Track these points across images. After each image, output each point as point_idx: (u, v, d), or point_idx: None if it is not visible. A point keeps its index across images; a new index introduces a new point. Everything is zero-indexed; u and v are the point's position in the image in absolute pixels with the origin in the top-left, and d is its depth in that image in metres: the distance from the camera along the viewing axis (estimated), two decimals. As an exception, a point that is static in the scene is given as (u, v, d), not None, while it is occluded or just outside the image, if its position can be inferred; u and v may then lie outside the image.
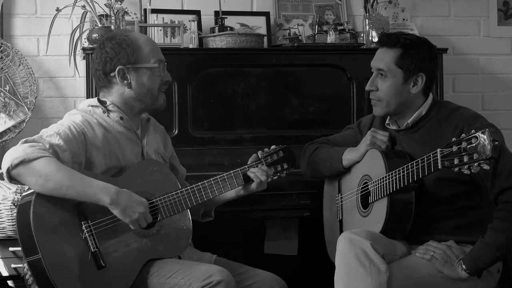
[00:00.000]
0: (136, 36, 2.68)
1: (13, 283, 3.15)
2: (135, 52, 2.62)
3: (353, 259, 2.52)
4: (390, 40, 2.77)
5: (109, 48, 2.62)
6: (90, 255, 2.43)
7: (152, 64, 2.64)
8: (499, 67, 4.21)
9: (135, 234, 2.52)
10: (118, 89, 2.65)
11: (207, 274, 2.46)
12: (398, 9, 4.01)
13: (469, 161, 2.31)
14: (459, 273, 2.58)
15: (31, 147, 2.44)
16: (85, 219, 2.45)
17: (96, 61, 2.66)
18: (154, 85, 2.66)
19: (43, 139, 2.50)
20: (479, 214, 2.70)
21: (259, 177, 2.68)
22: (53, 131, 2.53)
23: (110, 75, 2.63)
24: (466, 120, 2.66)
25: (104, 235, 2.47)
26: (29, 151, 2.42)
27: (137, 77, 2.63)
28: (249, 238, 3.74)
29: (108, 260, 2.45)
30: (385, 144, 2.82)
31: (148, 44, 2.67)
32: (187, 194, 2.61)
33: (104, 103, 2.66)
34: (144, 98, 2.66)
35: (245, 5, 3.90)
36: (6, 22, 3.65)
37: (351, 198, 2.90)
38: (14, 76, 3.49)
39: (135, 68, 2.62)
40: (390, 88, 2.75)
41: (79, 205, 2.45)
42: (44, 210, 2.42)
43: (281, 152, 2.78)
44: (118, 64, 2.61)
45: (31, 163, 2.41)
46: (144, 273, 2.52)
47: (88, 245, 2.43)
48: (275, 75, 3.56)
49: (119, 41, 2.62)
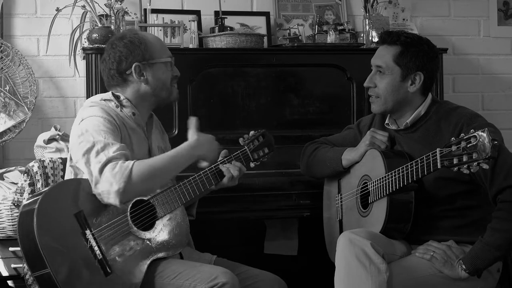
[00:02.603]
0: (145, 34, 2.77)
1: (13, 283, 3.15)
2: (148, 49, 2.68)
3: (353, 259, 2.52)
4: (391, 37, 2.78)
5: (122, 47, 2.66)
6: (97, 262, 2.42)
7: (165, 59, 2.72)
8: (499, 67, 4.21)
9: (136, 237, 2.53)
10: (133, 86, 2.70)
11: (212, 276, 2.46)
12: (398, 9, 4.01)
13: (469, 160, 2.31)
14: (459, 273, 2.58)
15: (113, 169, 2.43)
16: (88, 227, 2.44)
17: (109, 61, 2.69)
18: (168, 79, 2.73)
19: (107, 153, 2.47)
20: (479, 214, 2.70)
21: (231, 172, 2.69)
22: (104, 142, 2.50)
23: (126, 73, 2.67)
24: (465, 120, 2.66)
25: (108, 241, 2.47)
26: (120, 175, 2.42)
27: (153, 73, 2.69)
28: (249, 238, 3.74)
29: (114, 266, 2.45)
30: (384, 144, 2.82)
31: (158, 40, 2.78)
32: (181, 190, 2.62)
33: (117, 97, 2.69)
34: (160, 92, 2.72)
35: (245, 5, 3.90)
36: (6, 22, 3.65)
37: (351, 198, 2.90)
38: (14, 76, 3.49)
39: (150, 64, 2.68)
40: (388, 85, 2.76)
41: (79, 213, 2.44)
42: (48, 221, 2.39)
43: (261, 137, 2.81)
44: (134, 61, 2.66)
45: (132, 179, 2.43)
46: (148, 274, 2.53)
47: (94, 253, 2.42)
48: (275, 75, 3.56)
49: (131, 39, 2.68)
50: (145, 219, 2.56)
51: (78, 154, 2.53)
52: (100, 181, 2.44)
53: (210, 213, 3.08)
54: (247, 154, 2.78)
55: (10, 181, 3.25)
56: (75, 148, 2.57)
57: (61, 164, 3.05)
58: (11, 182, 3.24)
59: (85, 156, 2.50)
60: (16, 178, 3.24)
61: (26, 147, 3.57)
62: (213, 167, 2.68)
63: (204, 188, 2.65)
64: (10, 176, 3.28)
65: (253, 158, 2.79)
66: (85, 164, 2.50)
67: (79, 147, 2.53)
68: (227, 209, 3.18)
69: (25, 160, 3.47)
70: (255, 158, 2.79)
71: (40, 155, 3.32)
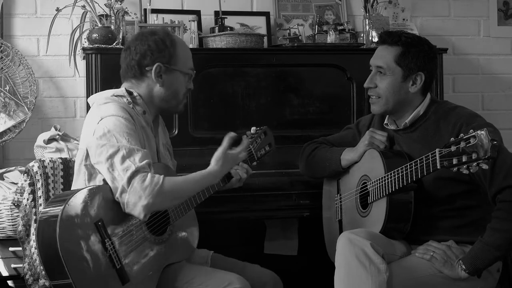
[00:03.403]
0: (177, 39, 2.70)
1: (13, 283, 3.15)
2: (176, 54, 2.63)
3: (353, 259, 2.52)
4: (391, 38, 2.77)
5: (152, 42, 2.61)
6: (115, 271, 2.40)
7: (187, 70, 2.68)
8: (499, 67, 4.21)
9: (150, 243, 2.52)
10: (148, 84, 2.64)
11: (226, 282, 2.47)
12: (398, 9, 4.01)
13: (468, 160, 2.31)
14: (459, 273, 2.58)
15: (143, 181, 2.39)
16: (107, 236, 2.41)
17: (134, 51, 2.62)
18: (182, 91, 2.68)
19: (134, 161, 2.43)
20: (478, 213, 2.70)
21: (239, 174, 2.72)
22: (129, 148, 2.45)
23: (146, 68, 2.62)
24: (464, 119, 2.66)
25: (125, 249, 2.45)
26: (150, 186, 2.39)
27: (170, 79, 2.64)
28: (249, 238, 3.74)
29: (131, 274, 2.44)
30: (383, 144, 2.82)
31: (187, 50, 2.71)
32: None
33: (130, 93, 2.64)
34: (170, 100, 2.67)
35: (245, 5, 3.90)
36: (6, 22, 3.66)
37: (350, 198, 2.90)
38: (14, 76, 3.49)
39: (171, 69, 2.63)
40: (389, 85, 2.75)
41: (99, 222, 2.40)
42: (69, 232, 2.35)
43: (263, 135, 2.85)
44: (158, 61, 2.61)
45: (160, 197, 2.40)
46: (162, 280, 2.53)
47: (113, 262, 2.40)
48: (275, 75, 3.56)
49: (163, 38, 2.62)
50: (159, 225, 2.56)
51: (100, 157, 2.45)
52: (127, 191, 2.39)
53: (210, 213, 3.07)
54: (252, 154, 2.81)
55: (10, 181, 3.25)
56: (96, 150, 2.47)
57: (61, 164, 3.05)
58: (11, 182, 3.24)
59: (109, 161, 2.43)
60: (16, 178, 3.24)
61: (26, 147, 3.57)
62: None
63: (213, 190, 2.67)
64: (10, 176, 3.28)
65: (256, 157, 2.82)
66: (107, 169, 2.43)
67: (102, 150, 2.45)
68: (227, 209, 3.18)
69: (25, 160, 3.47)
70: (258, 157, 2.82)
71: (40, 155, 3.32)
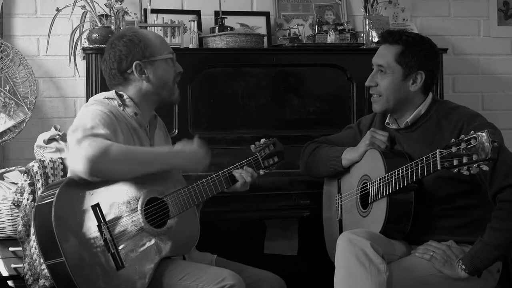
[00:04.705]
0: (144, 32, 2.74)
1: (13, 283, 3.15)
2: (148, 46, 2.65)
3: (353, 259, 2.52)
4: (392, 36, 2.78)
5: (122, 46, 2.65)
6: (110, 256, 2.43)
7: (166, 55, 2.69)
8: (499, 67, 4.21)
9: (148, 233, 2.53)
10: (135, 85, 2.67)
11: (219, 278, 2.47)
12: (398, 9, 4.01)
13: (468, 162, 2.31)
14: (459, 273, 2.58)
15: (93, 141, 2.40)
16: (103, 220, 2.44)
17: (109, 60, 2.67)
18: (170, 77, 2.70)
19: (92, 132, 2.44)
20: (478, 213, 2.70)
21: (244, 178, 2.74)
22: (94, 122, 2.48)
23: (127, 72, 2.65)
24: (466, 119, 2.66)
25: (122, 235, 2.47)
26: (96, 144, 2.39)
27: (154, 70, 2.66)
28: (249, 238, 3.74)
29: (126, 260, 2.46)
30: (384, 144, 2.82)
31: (158, 37, 2.74)
32: (194, 191, 2.64)
33: (121, 96, 2.67)
34: (161, 91, 2.69)
35: (245, 5, 3.90)
36: (6, 22, 3.65)
37: (351, 198, 2.90)
38: (14, 76, 3.49)
39: (151, 61, 2.66)
40: (389, 84, 2.76)
41: (95, 206, 2.44)
42: (65, 212, 2.40)
43: (272, 146, 2.87)
44: (134, 60, 2.64)
45: (107, 154, 2.39)
46: (156, 273, 2.53)
47: (108, 246, 2.43)
48: (275, 75, 3.56)
49: (130, 38, 2.66)
50: (158, 217, 2.57)
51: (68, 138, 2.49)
52: (75, 151, 2.40)
53: (210, 213, 3.07)
54: (258, 161, 2.83)
55: (10, 181, 3.25)
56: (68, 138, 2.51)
57: (61, 164, 3.06)
58: (11, 182, 3.25)
59: (71, 136, 2.45)
60: (16, 178, 3.24)
61: (26, 147, 3.57)
62: (225, 171, 2.74)
63: (216, 191, 2.70)
64: (10, 176, 3.29)
65: (263, 166, 2.84)
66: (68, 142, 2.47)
67: (69, 131, 2.49)
68: (227, 209, 3.18)
69: (25, 160, 3.47)
70: (265, 166, 2.84)
71: (40, 155, 3.32)
